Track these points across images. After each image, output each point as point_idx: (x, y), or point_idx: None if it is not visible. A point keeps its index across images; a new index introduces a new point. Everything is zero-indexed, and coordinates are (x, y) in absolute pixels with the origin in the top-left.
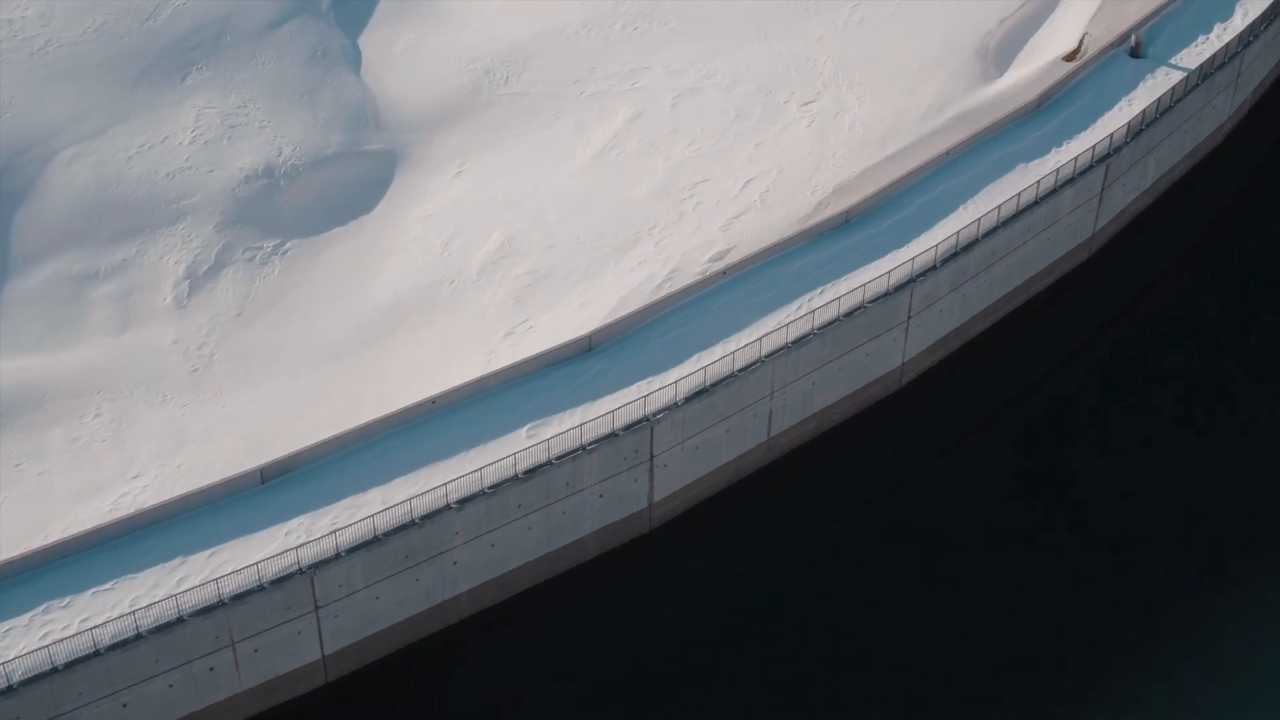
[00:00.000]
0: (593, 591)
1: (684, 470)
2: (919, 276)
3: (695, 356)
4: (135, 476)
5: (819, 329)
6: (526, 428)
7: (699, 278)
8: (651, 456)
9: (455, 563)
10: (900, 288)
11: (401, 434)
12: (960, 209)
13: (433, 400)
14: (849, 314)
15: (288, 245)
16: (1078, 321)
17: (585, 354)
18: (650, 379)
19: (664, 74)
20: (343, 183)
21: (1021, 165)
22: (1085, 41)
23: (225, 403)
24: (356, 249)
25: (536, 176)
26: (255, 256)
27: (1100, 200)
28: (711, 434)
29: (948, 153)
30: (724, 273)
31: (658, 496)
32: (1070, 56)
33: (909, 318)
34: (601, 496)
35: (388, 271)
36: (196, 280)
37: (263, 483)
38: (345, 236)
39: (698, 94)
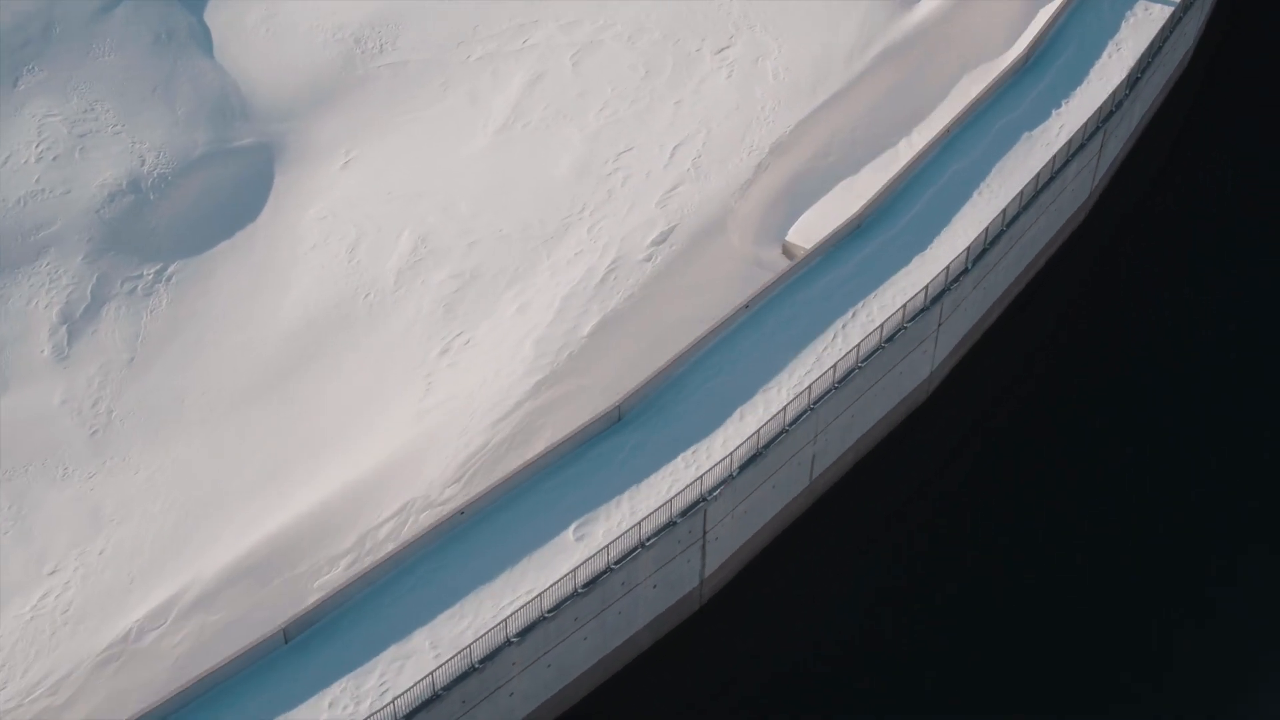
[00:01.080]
0: (649, 685)
1: (734, 538)
2: (953, 283)
3: (736, 412)
4: (52, 573)
5: (863, 361)
6: (572, 528)
7: (641, 261)
8: (704, 533)
9: (511, 694)
10: (936, 299)
11: (434, 555)
12: (975, 195)
13: (461, 511)
14: (889, 339)
15: (171, 269)
16: (1086, 289)
17: (616, 426)
18: (694, 447)
19: (556, 28)
20: (219, 188)
21: (1026, 134)
22: None
23: (137, 467)
24: (251, 265)
25: (436, 160)
26: (137, 287)
27: (1099, 158)
28: (760, 494)
29: (947, 130)
30: (746, 306)
31: (708, 571)
32: None
33: (939, 325)
34: (655, 587)
35: (292, 288)
36: (75, 324)
37: (287, 642)
38: (234, 251)
39: (598, 48)
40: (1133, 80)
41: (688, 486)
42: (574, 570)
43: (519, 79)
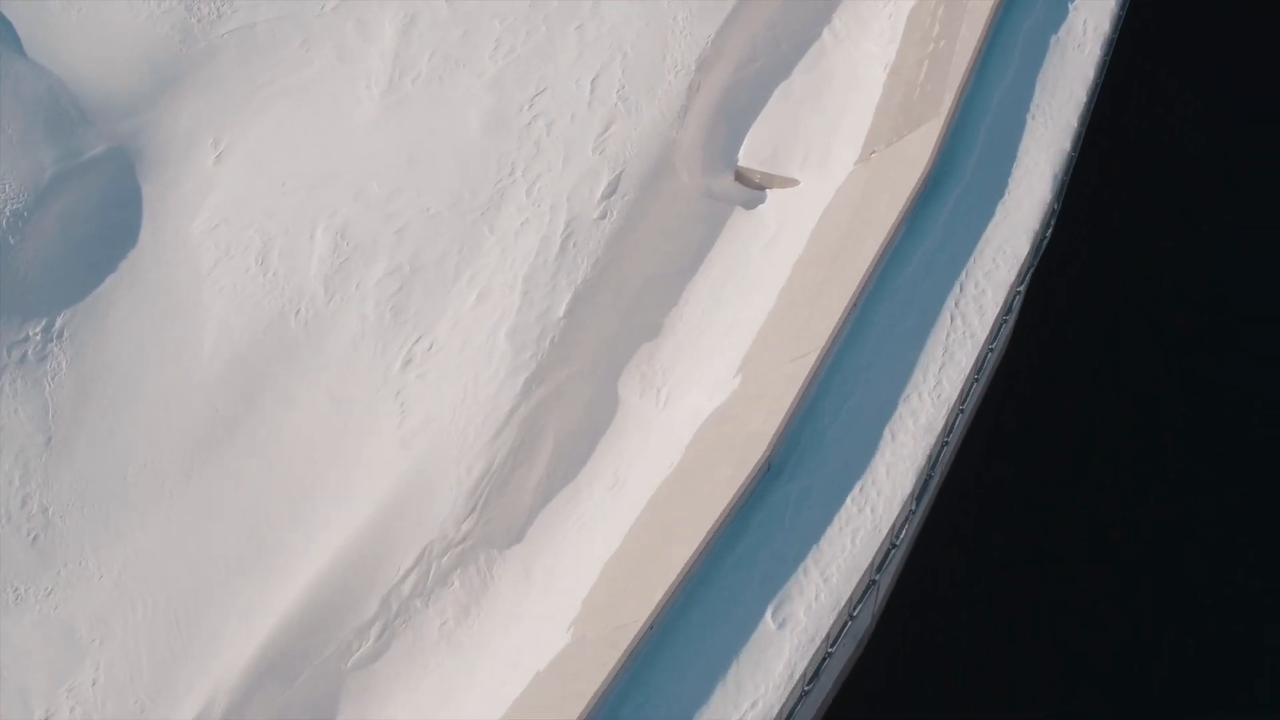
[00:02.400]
0: None
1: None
2: (1047, 228)
3: (887, 432)
4: (46, 719)
5: (993, 343)
6: (769, 614)
7: (598, 219)
8: (894, 575)
9: None
10: (1039, 249)
11: (635, 687)
12: (1030, 120)
13: (651, 625)
14: (1006, 310)
15: (59, 323)
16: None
17: (769, 479)
18: (859, 484)
19: None
20: (82, 213)
21: (1053, 37)
22: None
23: (98, 571)
24: (148, 299)
25: (324, 136)
26: (27, 353)
27: None
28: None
29: (976, 53)
30: (855, 304)
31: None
32: None
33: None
34: (848, 647)
35: (206, 318)
36: None
37: None
38: (123, 285)
39: None
40: None
41: (870, 535)
42: (791, 666)
43: (389, 26)
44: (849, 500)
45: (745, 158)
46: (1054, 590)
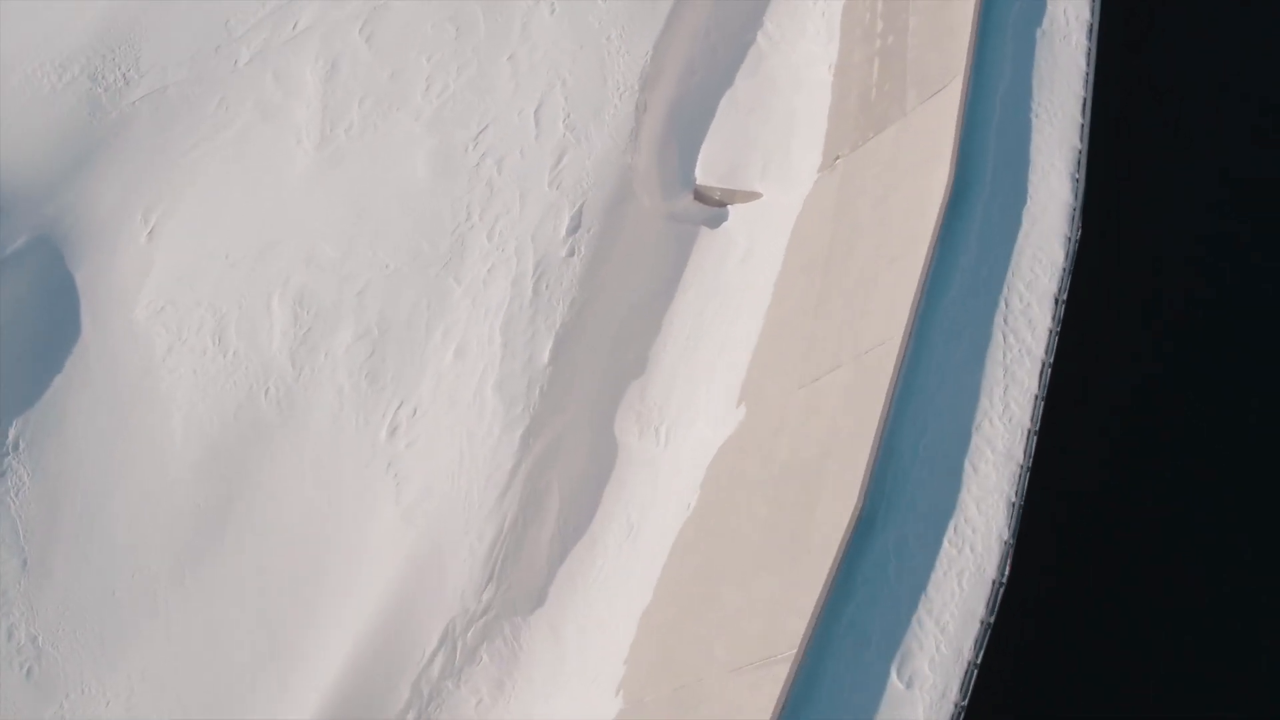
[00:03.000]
0: None
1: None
2: (1076, 230)
3: (968, 465)
4: None
5: (1050, 356)
6: (894, 673)
7: (566, 257)
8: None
9: None
10: (1072, 253)
11: None
12: (1034, 119)
13: (783, 706)
14: (1055, 321)
15: (12, 434)
16: None
17: (863, 530)
18: (951, 523)
19: (323, 1)
20: (15, 314)
21: (1039, 30)
22: None
23: (104, 698)
24: (105, 397)
25: (261, 199)
26: None
27: None
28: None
29: (971, 50)
30: (906, 339)
31: None
32: None
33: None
34: None
35: (170, 410)
36: None
37: None
38: (77, 387)
39: (386, 12)
40: None
41: (976, 576)
42: None
43: (310, 75)
44: (946, 543)
45: (703, 175)
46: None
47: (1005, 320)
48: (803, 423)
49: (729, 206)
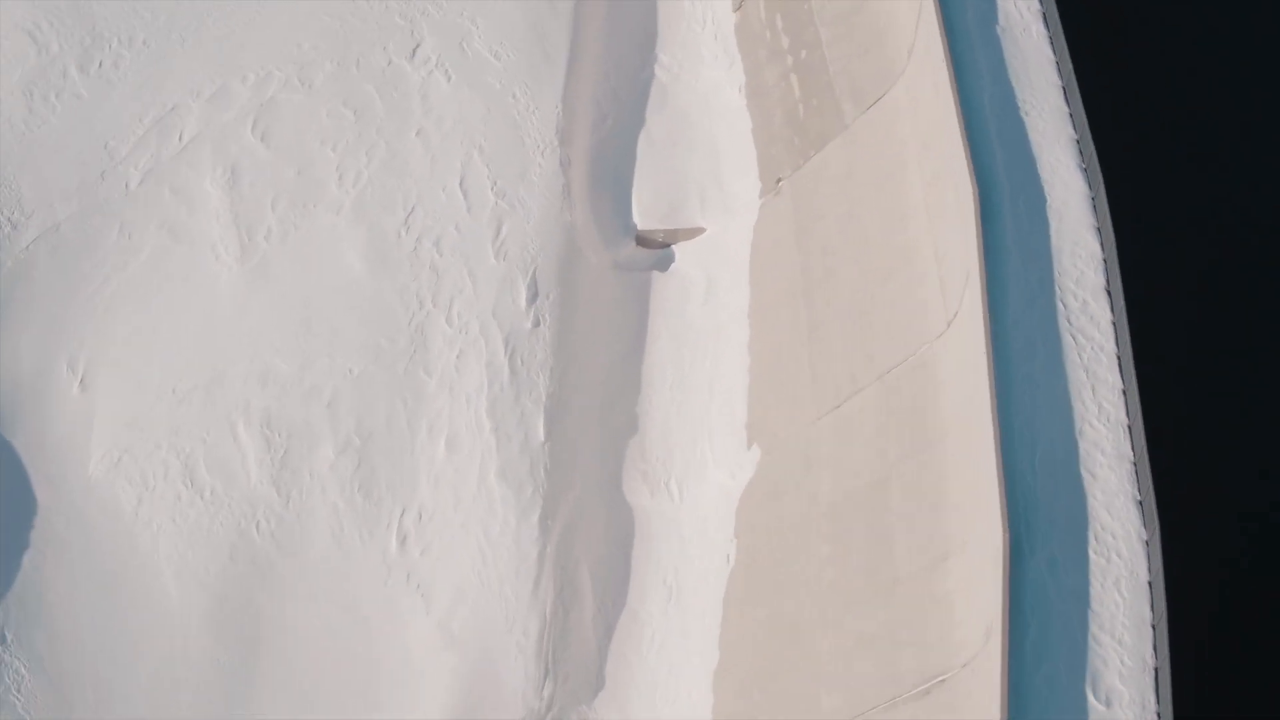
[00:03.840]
0: None
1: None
2: (1103, 218)
3: (1084, 473)
4: None
5: (1122, 348)
6: (1090, 696)
7: (533, 328)
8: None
9: None
10: (1109, 243)
11: None
12: (1027, 118)
13: None
14: (1115, 311)
15: None
16: None
17: (1018, 555)
18: (1090, 531)
19: (205, 105)
20: None
21: (998, 28)
22: None
23: None
24: (84, 568)
25: (194, 326)
26: None
27: None
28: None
29: (948, 58)
30: (989, 363)
31: None
32: None
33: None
34: None
35: (159, 567)
36: None
37: None
38: (52, 563)
39: (274, 107)
40: None
41: (1131, 580)
42: None
43: (211, 186)
44: (1092, 554)
45: (641, 220)
46: None
47: (1070, 321)
48: (837, 453)
49: (674, 247)
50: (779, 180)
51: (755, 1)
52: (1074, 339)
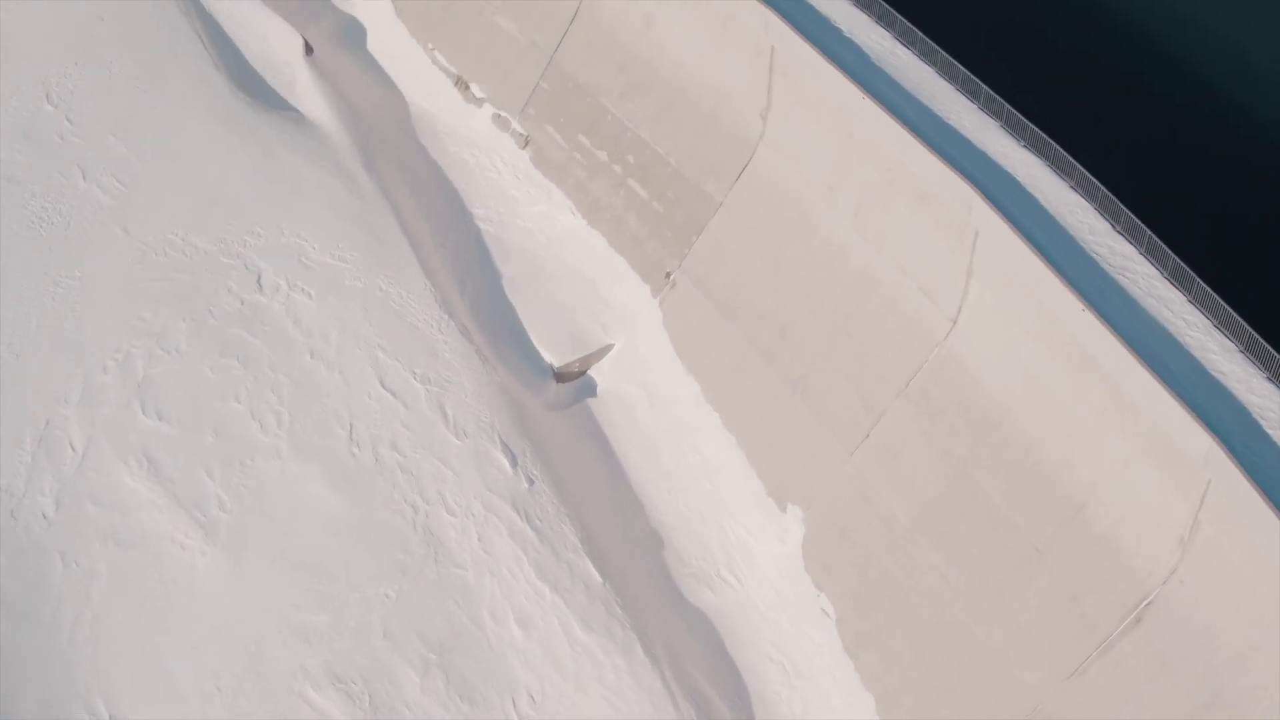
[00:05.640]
0: None
1: None
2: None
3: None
4: None
5: (1218, 322)
6: None
7: (531, 486)
8: None
9: None
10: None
11: None
12: (960, 132)
13: None
14: (1185, 287)
15: None
16: None
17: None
18: None
19: (74, 409)
20: None
21: (874, 61)
22: None
23: None
24: None
25: (198, 619)
26: None
27: None
28: None
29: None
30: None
31: None
32: None
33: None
34: None
35: None
36: None
37: None
38: None
39: (153, 382)
40: None
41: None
42: None
43: (131, 479)
44: (1269, 430)
45: (554, 357)
46: None
47: (1170, 309)
48: (891, 474)
49: (591, 371)
50: (669, 274)
51: (543, 134)
52: (1184, 321)
